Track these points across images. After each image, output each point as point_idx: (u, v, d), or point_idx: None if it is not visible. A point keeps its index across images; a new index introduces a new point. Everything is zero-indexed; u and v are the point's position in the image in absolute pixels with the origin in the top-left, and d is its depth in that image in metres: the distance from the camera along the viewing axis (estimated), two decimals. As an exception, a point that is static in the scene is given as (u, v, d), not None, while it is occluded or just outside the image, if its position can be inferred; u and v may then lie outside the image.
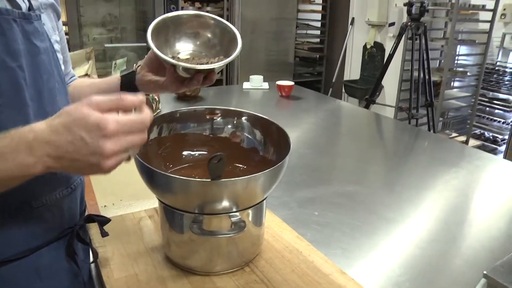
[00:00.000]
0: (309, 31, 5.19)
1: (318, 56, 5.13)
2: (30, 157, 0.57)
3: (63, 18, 3.61)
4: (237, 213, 0.76)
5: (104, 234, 0.83)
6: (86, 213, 0.88)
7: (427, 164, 1.61)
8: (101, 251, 0.87)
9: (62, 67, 0.82)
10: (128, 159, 0.62)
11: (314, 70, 5.15)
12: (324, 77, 5.06)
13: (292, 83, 2.52)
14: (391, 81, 3.91)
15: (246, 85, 2.74)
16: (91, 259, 0.86)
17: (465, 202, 1.29)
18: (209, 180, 0.69)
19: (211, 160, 0.67)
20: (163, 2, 3.93)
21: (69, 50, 1.17)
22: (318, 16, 4.99)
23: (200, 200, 0.74)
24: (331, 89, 4.82)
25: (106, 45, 3.87)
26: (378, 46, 4.20)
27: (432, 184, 1.39)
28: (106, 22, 4.06)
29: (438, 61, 4.16)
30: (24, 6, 0.71)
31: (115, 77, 0.93)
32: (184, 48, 0.89)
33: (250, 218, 0.80)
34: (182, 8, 4.11)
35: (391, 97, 4.01)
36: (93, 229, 0.90)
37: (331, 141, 1.87)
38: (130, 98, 0.60)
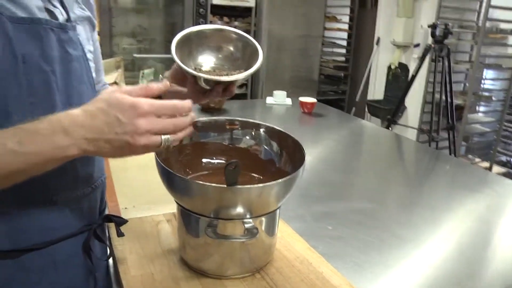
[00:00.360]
0: (335, 49, 5.23)
1: (343, 74, 5.15)
2: (66, 139, 0.62)
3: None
4: (251, 220, 0.79)
5: (120, 234, 0.88)
6: (106, 213, 0.92)
7: (447, 187, 1.60)
8: (119, 249, 0.91)
9: (94, 75, 0.88)
10: (160, 144, 0.65)
11: (338, 88, 5.16)
12: (348, 95, 5.08)
13: (314, 100, 2.55)
14: (414, 103, 3.90)
15: (269, 100, 2.78)
16: (109, 256, 0.91)
17: (485, 227, 1.27)
18: (225, 186, 0.72)
19: (227, 166, 0.71)
20: (192, 16, 4.04)
21: (101, 59, 1.23)
22: (344, 35, 5.03)
23: (215, 205, 0.77)
24: (354, 108, 4.83)
25: (135, 55, 3.98)
26: (403, 67, 4.20)
27: (451, 207, 1.38)
28: (136, 33, 4.18)
29: (462, 84, 4.13)
30: (62, 18, 0.77)
31: None
32: (207, 61, 0.93)
33: (263, 226, 0.83)
34: (211, 22, 4.20)
35: (414, 118, 4.00)
36: (113, 229, 0.94)
37: (350, 159, 1.88)
38: (156, 84, 0.66)
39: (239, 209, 0.77)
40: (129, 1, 4.12)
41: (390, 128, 3.52)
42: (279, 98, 2.75)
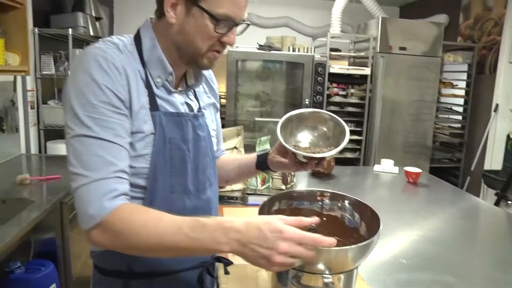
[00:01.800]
0: (450, 116, 5.12)
1: (458, 142, 5.01)
2: (223, 237, 0.81)
3: (223, 90, 4.22)
4: (329, 276, 0.97)
5: (226, 272, 1.13)
6: (216, 255, 1.19)
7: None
8: (223, 286, 1.15)
9: (215, 147, 1.18)
10: (292, 265, 0.83)
11: (453, 156, 5.02)
12: (463, 164, 4.89)
13: (419, 170, 2.61)
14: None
15: (377, 167, 2.92)
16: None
17: None
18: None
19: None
20: (311, 83, 4.34)
21: (225, 120, 1.48)
22: (460, 101, 4.94)
23: (302, 261, 0.97)
24: (469, 177, 4.64)
25: (256, 118, 4.37)
26: (523, 137, 4.01)
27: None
28: (259, 97, 4.60)
29: None
30: (195, 108, 1.09)
31: (253, 155, 1.27)
32: (305, 138, 1.18)
33: (341, 282, 1.01)
34: (328, 89, 4.48)
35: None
36: (221, 270, 1.19)
37: (445, 232, 1.89)
38: (308, 219, 0.86)
39: (320, 266, 0.96)
40: (254, 68, 4.59)
41: (508, 202, 3.37)
42: (386, 166, 2.88)
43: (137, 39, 1.00)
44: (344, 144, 1.10)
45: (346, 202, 1.17)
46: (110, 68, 0.90)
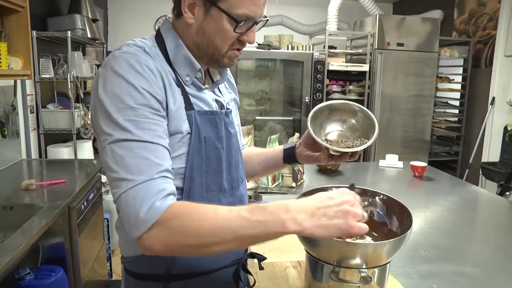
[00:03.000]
0: (447, 110, 5.18)
1: (455, 135, 5.06)
2: (287, 214, 0.80)
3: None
4: (366, 270, 0.98)
5: (260, 267, 1.12)
6: (249, 251, 1.18)
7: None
8: (256, 285, 1.14)
9: (240, 143, 1.17)
10: (362, 216, 0.84)
11: (450, 149, 5.07)
12: (461, 157, 4.95)
13: (425, 164, 2.64)
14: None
15: (382, 162, 2.94)
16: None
17: None
18: (347, 240, 0.93)
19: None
20: (310, 80, 4.34)
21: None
22: (457, 95, 4.99)
23: (339, 256, 0.97)
24: (467, 170, 4.69)
25: (257, 117, 4.37)
26: (521, 129, 4.06)
27: None
28: (258, 96, 4.60)
29: None
30: (224, 104, 1.08)
31: (279, 149, 1.26)
32: (334, 129, 1.18)
33: (375, 276, 1.01)
34: (327, 86, 4.49)
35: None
36: (251, 269, 1.18)
37: (459, 224, 1.92)
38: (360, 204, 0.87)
39: (357, 260, 0.97)
40: (253, 67, 4.58)
41: (507, 193, 3.42)
42: (391, 161, 2.90)
43: (159, 40, 0.99)
44: (375, 136, 1.11)
45: (377, 198, 1.17)
46: (145, 71, 0.88)
